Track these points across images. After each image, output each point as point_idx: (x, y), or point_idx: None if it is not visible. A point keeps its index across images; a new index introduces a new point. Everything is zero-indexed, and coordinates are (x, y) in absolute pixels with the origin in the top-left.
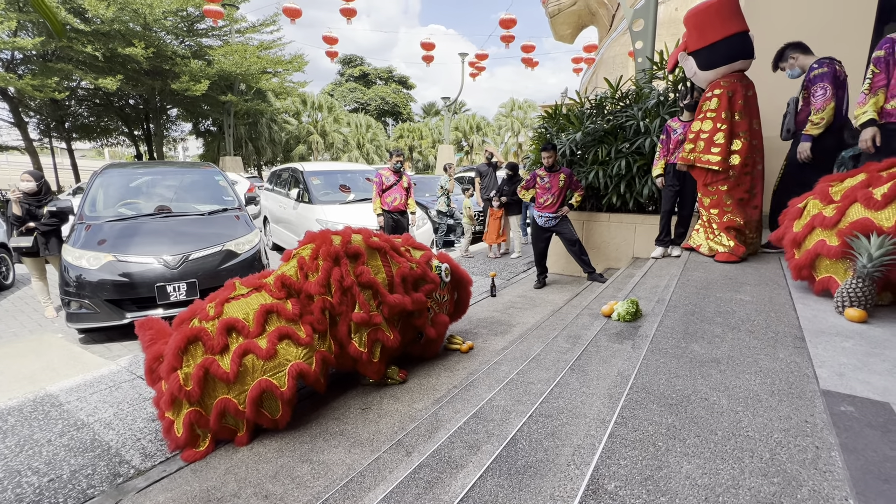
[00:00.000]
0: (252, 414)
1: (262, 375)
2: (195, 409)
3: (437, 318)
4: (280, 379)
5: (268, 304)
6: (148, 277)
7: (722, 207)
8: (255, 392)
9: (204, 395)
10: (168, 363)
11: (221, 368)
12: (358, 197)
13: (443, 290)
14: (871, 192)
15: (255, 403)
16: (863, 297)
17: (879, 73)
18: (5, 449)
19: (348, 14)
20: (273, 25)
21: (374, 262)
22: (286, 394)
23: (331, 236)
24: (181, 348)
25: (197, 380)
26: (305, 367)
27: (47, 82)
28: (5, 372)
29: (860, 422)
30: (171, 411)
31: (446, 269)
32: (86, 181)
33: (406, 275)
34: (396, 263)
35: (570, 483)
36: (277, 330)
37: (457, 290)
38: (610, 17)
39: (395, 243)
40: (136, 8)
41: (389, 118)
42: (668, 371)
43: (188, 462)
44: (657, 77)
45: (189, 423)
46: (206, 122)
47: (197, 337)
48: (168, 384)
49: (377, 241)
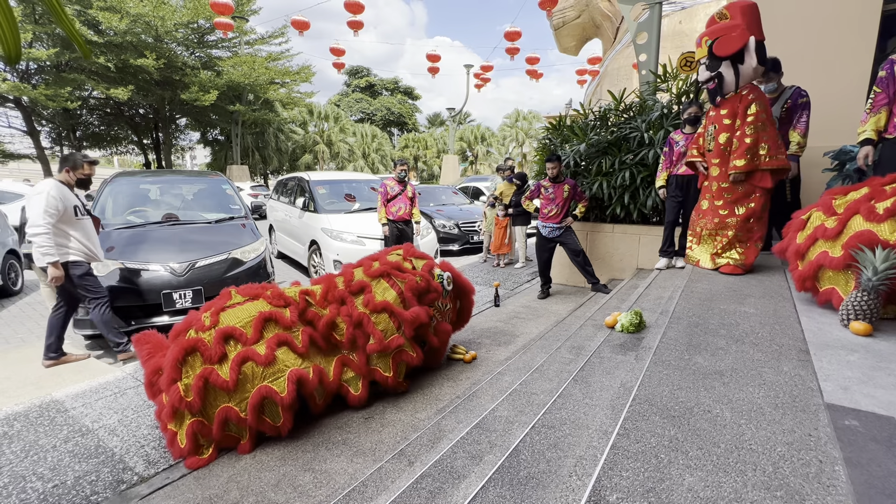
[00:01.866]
0: (254, 421)
1: (261, 382)
2: (197, 419)
3: (440, 327)
4: (279, 385)
5: (266, 312)
6: (155, 284)
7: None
8: (256, 399)
9: (205, 405)
10: (167, 375)
11: (221, 377)
12: (363, 206)
13: (445, 298)
14: (873, 206)
15: (257, 410)
16: (868, 311)
17: (881, 92)
18: (11, 454)
19: (355, 26)
20: (281, 37)
21: (380, 287)
22: (286, 399)
23: (335, 279)
24: (179, 360)
25: (197, 390)
26: (304, 373)
27: (60, 92)
28: (12, 377)
29: (864, 436)
30: (174, 423)
31: (448, 278)
32: (95, 189)
33: (414, 288)
34: (402, 280)
35: (572, 494)
36: (276, 336)
37: (459, 299)
38: (614, 29)
39: (396, 262)
40: (149, 20)
41: (395, 128)
42: (672, 383)
43: (192, 469)
44: (661, 89)
45: (192, 433)
46: (214, 132)
47: (195, 348)
48: (168, 396)
49: (378, 269)
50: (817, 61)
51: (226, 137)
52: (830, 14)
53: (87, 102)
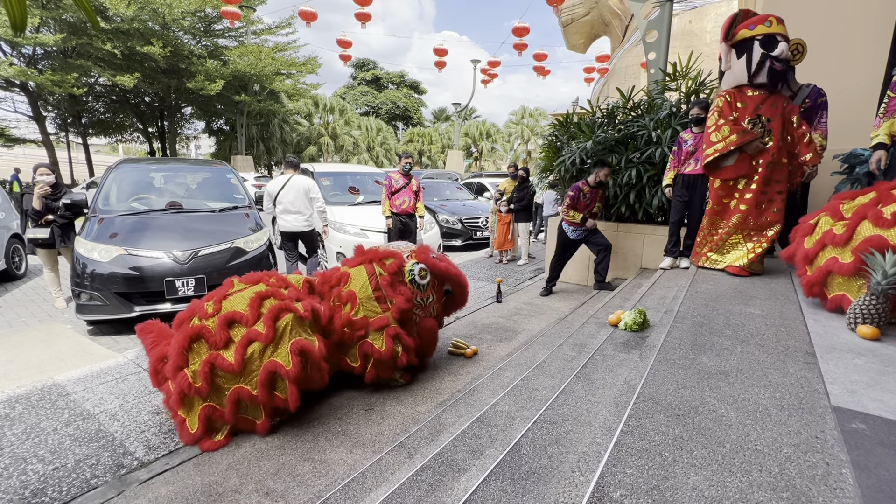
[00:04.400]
0: (265, 397)
1: (267, 359)
2: (209, 403)
3: (423, 324)
4: (284, 358)
5: (263, 292)
6: (157, 272)
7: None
8: (265, 375)
9: (214, 390)
10: (173, 363)
11: (227, 361)
12: (367, 199)
13: (423, 291)
14: (880, 211)
15: (267, 386)
16: (876, 315)
17: (895, 97)
18: (12, 436)
19: (363, 18)
20: (288, 28)
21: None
22: (292, 372)
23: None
24: (186, 347)
25: (204, 375)
26: (307, 343)
27: (66, 78)
28: (14, 360)
29: (872, 440)
30: (183, 409)
31: (420, 270)
32: (99, 176)
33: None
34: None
35: (575, 490)
36: (271, 310)
37: (447, 285)
38: (623, 27)
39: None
40: (156, 7)
41: (400, 122)
42: (676, 382)
43: (207, 451)
44: (670, 88)
45: (205, 417)
46: (219, 121)
47: (199, 335)
48: (176, 384)
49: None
50: (830, 64)
51: (231, 127)
52: (844, 17)
53: (93, 89)
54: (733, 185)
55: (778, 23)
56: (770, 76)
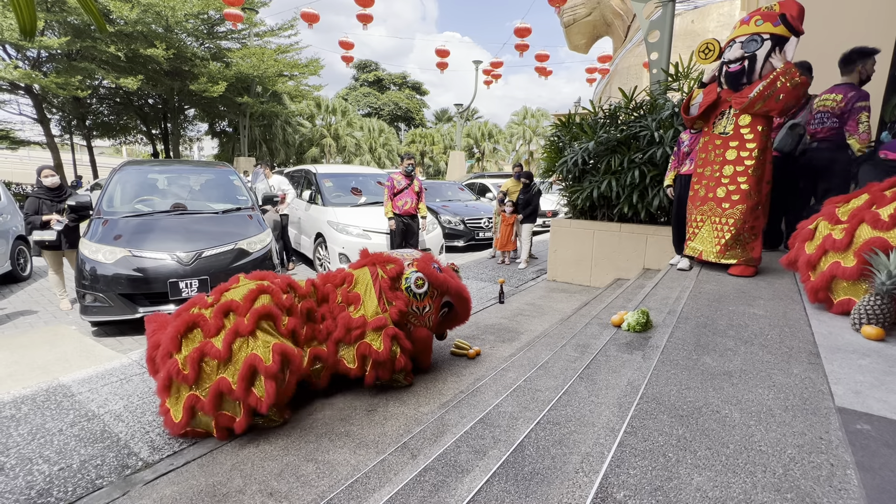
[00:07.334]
0: (242, 391)
1: (249, 352)
2: (193, 392)
3: (416, 333)
4: (265, 355)
5: (263, 286)
6: (161, 273)
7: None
8: (245, 368)
9: (201, 379)
10: (164, 349)
11: (215, 347)
12: (369, 200)
13: (420, 301)
14: (877, 213)
15: (246, 380)
16: (881, 315)
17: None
18: (18, 436)
19: (365, 19)
20: (291, 30)
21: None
22: (271, 368)
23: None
24: (180, 333)
25: (192, 362)
26: (289, 347)
27: (71, 80)
28: (20, 361)
29: (877, 440)
30: (170, 398)
31: (417, 279)
32: (103, 178)
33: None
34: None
35: (579, 490)
36: (263, 307)
37: (447, 298)
38: (625, 27)
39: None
40: (159, 10)
41: (402, 123)
42: (679, 382)
43: (178, 435)
44: (672, 88)
45: (189, 407)
46: (222, 123)
47: (195, 323)
48: (164, 369)
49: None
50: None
51: (234, 129)
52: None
53: (97, 91)
54: (701, 172)
55: (742, 24)
56: (728, 80)
